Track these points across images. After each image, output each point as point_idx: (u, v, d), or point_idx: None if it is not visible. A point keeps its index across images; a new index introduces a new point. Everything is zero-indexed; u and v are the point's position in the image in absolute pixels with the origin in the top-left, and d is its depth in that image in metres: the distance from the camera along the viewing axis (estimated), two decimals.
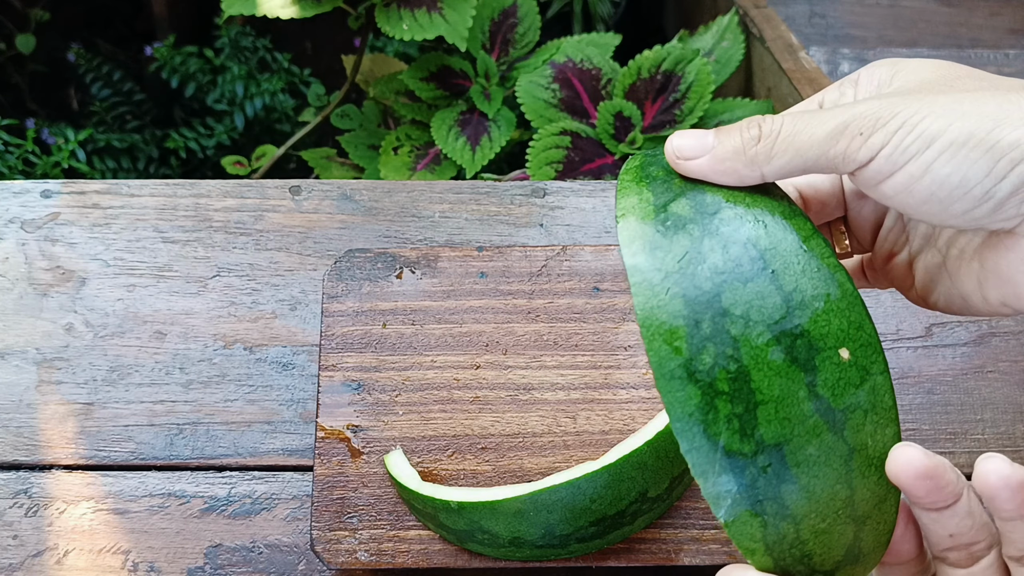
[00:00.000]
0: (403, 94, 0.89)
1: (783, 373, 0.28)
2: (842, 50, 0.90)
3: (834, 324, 0.29)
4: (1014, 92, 0.28)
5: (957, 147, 0.27)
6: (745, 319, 0.28)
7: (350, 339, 0.52)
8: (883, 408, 0.29)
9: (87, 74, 1.15)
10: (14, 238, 0.62)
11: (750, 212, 0.30)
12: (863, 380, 0.29)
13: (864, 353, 0.29)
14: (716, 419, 0.28)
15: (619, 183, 0.32)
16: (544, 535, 0.44)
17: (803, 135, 0.29)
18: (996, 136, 0.26)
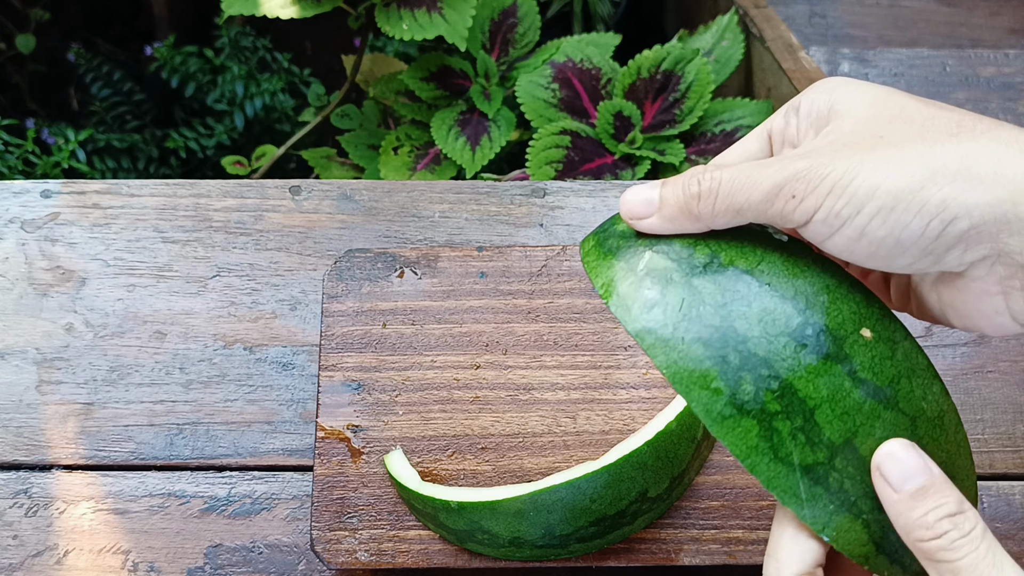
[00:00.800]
0: (403, 94, 0.89)
1: (823, 372, 0.29)
2: (842, 50, 0.90)
3: (845, 310, 0.30)
4: (944, 140, 0.28)
5: (887, 211, 0.27)
6: (766, 337, 0.29)
7: (350, 339, 0.52)
8: (921, 368, 0.30)
9: (87, 74, 1.15)
10: (14, 238, 0.62)
11: (720, 243, 0.31)
12: (894, 350, 0.29)
13: (883, 325, 0.30)
14: (781, 440, 0.28)
15: (586, 267, 0.32)
16: (544, 535, 0.44)
17: (740, 195, 0.29)
18: (923, 197, 0.27)
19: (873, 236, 0.28)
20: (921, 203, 0.27)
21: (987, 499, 0.54)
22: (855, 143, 0.29)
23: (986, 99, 0.85)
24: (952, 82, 0.87)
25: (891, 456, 0.28)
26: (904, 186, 0.27)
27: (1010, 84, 0.86)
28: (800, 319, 0.29)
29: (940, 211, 0.27)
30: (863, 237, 0.28)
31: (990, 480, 0.54)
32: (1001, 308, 0.29)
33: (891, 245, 0.28)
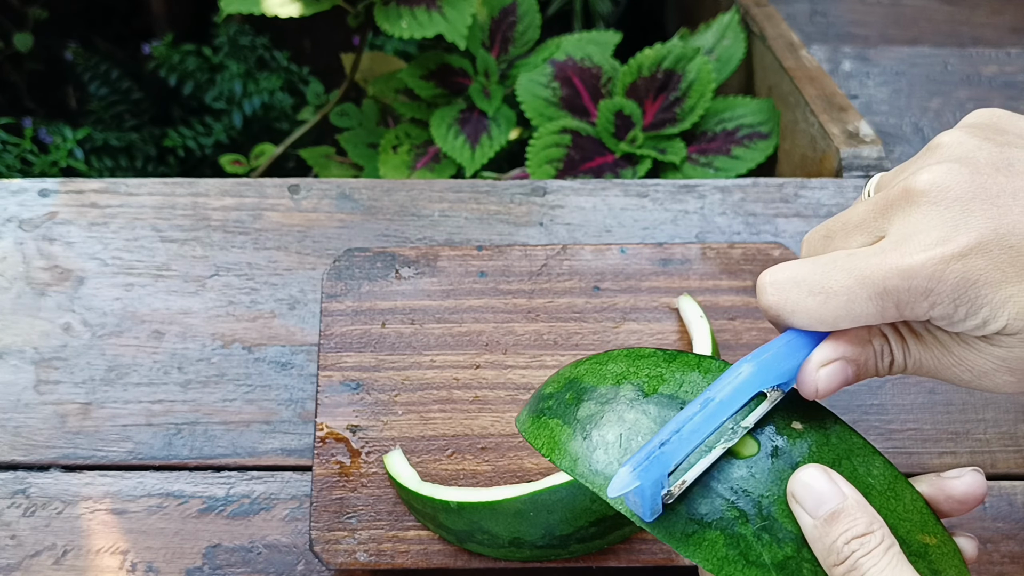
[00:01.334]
0: (402, 92, 0.89)
1: (769, 468, 0.29)
2: (843, 48, 0.89)
3: (772, 411, 0.30)
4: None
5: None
6: (707, 447, 0.29)
7: (349, 339, 0.52)
8: (858, 447, 0.30)
9: (85, 72, 1.15)
10: (12, 237, 0.62)
11: (634, 369, 0.32)
12: (827, 436, 0.30)
13: (811, 415, 0.31)
14: (748, 544, 0.28)
15: (529, 439, 0.33)
16: (544, 535, 0.44)
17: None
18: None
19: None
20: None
21: (988, 499, 0.54)
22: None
23: (988, 98, 0.85)
24: (954, 80, 0.86)
25: (804, 483, 0.28)
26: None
27: (1012, 83, 0.86)
28: (729, 424, 0.29)
29: None
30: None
31: (992, 480, 0.54)
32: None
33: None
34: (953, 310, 0.27)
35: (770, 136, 0.78)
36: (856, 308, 0.28)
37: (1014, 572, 0.52)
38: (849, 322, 0.28)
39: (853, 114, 0.70)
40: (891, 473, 0.30)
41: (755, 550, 0.28)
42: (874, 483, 0.29)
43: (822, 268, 0.29)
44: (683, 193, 0.63)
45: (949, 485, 0.30)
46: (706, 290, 0.54)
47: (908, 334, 0.30)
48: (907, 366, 0.30)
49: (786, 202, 0.63)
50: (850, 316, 0.28)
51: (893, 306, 0.28)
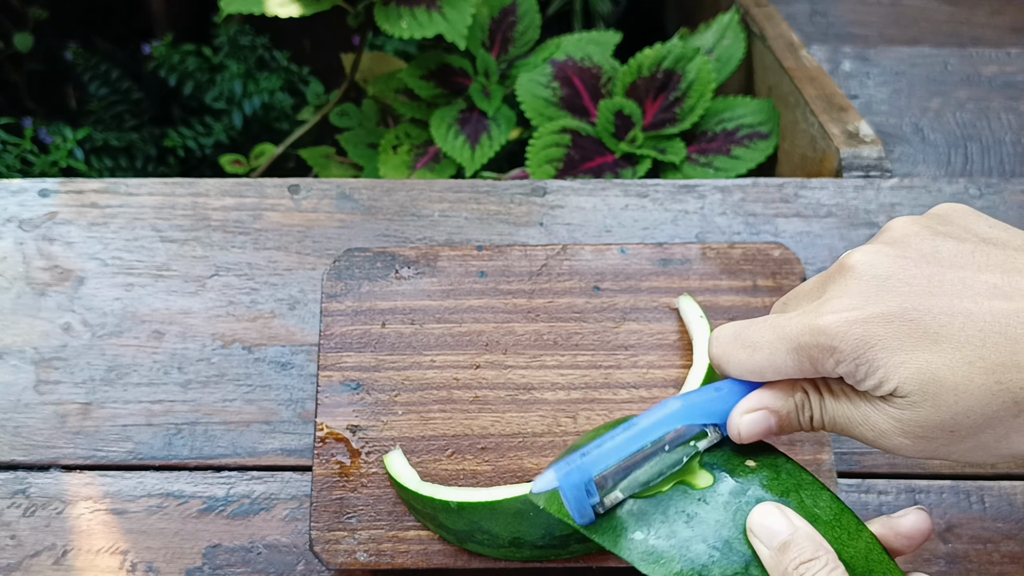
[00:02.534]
0: (402, 92, 0.89)
1: (724, 496, 0.33)
2: (843, 48, 0.89)
3: (727, 449, 0.34)
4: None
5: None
6: (659, 475, 0.34)
7: (349, 339, 0.52)
8: (807, 483, 0.34)
9: (85, 72, 1.15)
10: (12, 237, 0.62)
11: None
12: (778, 472, 0.33)
13: (764, 455, 0.34)
14: (705, 567, 0.31)
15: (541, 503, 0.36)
16: (544, 535, 0.44)
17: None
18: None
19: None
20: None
21: (988, 499, 0.54)
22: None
23: (988, 98, 0.85)
24: (954, 81, 0.86)
25: (760, 518, 0.32)
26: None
27: (1012, 83, 0.86)
28: (682, 463, 0.33)
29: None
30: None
31: (991, 480, 0.54)
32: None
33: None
34: (855, 368, 0.30)
35: (770, 136, 0.78)
36: (777, 360, 0.32)
37: (1014, 572, 0.52)
38: (772, 373, 0.33)
39: (853, 114, 0.70)
40: (837, 506, 0.33)
41: (710, 571, 0.31)
42: (820, 514, 0.32)
43: (756, 326, 0.33)
44: (683, 193, 0.63)
45: (897, 523, 0.33)
46: (706, 290, 0.54)
47: (825, 391, 0.33)
48: (824, 422, 0.33)
49: (786, 202, 0.63)
50: (772, 367, 0.32)
51: (807, 360, 0.31)
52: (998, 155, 0.82)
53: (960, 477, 0.54)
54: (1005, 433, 0.30)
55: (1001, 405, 0.29)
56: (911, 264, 0.31)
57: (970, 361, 0.29)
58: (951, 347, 0.29)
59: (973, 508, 0.53)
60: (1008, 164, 0.82)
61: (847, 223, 0.62)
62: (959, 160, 0.82)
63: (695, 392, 0.34)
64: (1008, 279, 0.29)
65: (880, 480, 0.54)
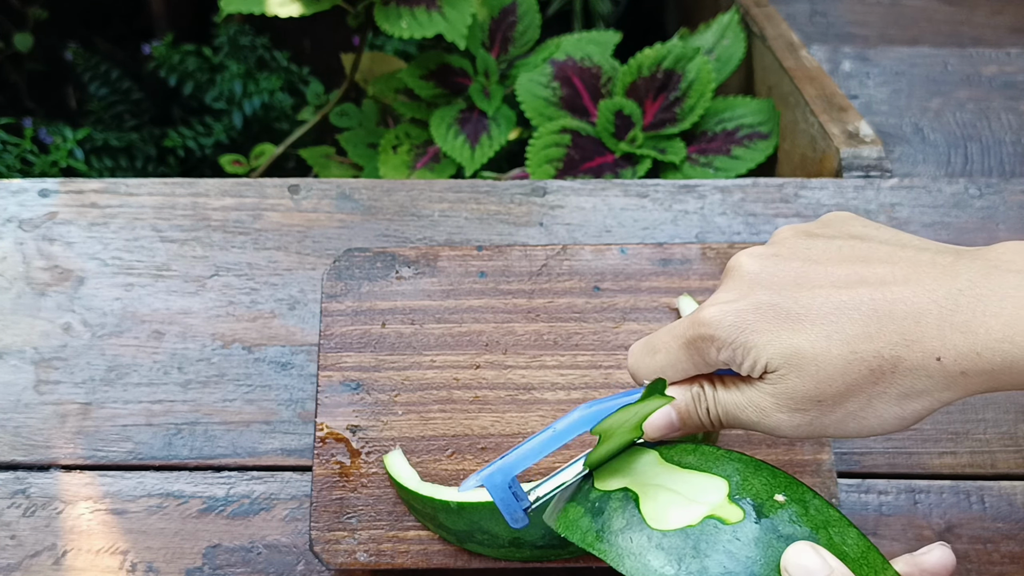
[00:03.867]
0: (402, 92, 0.89)
1: (754, 531, 0.33)
2: (843, 48, 0.89)
3: (756, 484, 0.34)
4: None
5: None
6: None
7: (349, 339, 0.52)
8: (835, 519, 0.34)
9: (85, 73, 1.15)
10: (12, 237, 0.62)
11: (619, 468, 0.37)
12: (806, 508, 0.34)
13: (792, 490, 0.34)
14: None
15: (554, 525, 0.37)
16: (544, 535, 0.44)
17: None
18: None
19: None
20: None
21: (988, 499, 0.54)
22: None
23: (988, 98, 0.85)
24: (954, 81, 0.86)
25: (795, 559, 0.32)
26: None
27: (1012, 83, 0.86)
28: (722, 503, 0.34)
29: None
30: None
31: (992, 480, 0.54)
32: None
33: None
34: (733, 353, 0.34)
35: (770, 136, 0.78)
36: (672, 358, 0.36)
37: (1014, 572, 0.52)
38: (672, 372, 0.36)
39: (853, 114, 0.70)
40: (864, 543, 0.34)
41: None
42: (848, 551, 0.33)
43: (658, 333, 0.37)
44: (683, 193, 0.63)
45: (922, 560, 0.34)
46: (706, 290, 0.54)
47: (718, 383, 0.36)
48: (719, 413, 0.36)
49: (786, 202, 0.63)
50: (671, 365, 0.36)
51: (697, 353, 0.35)
52: (998, 155, 0.82)
53: (960, 477, 0.54)
54: (868, 401, 0.33)
55: (858, 373, 0.32)
56: (782, 261, 0.34)
57: (828, 335, 0.32)
58: (810, 325, 0.32)
59: (973, 508, 0.53)
60: (1008, 164, 0.82)
61: None
62: (959, 160, 0.82)
63: (606, 399, 0.37)
64: (866, 268, 0.33)
65: (880, 480, 0.54)
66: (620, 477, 0.36)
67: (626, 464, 0.37)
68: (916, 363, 0.31)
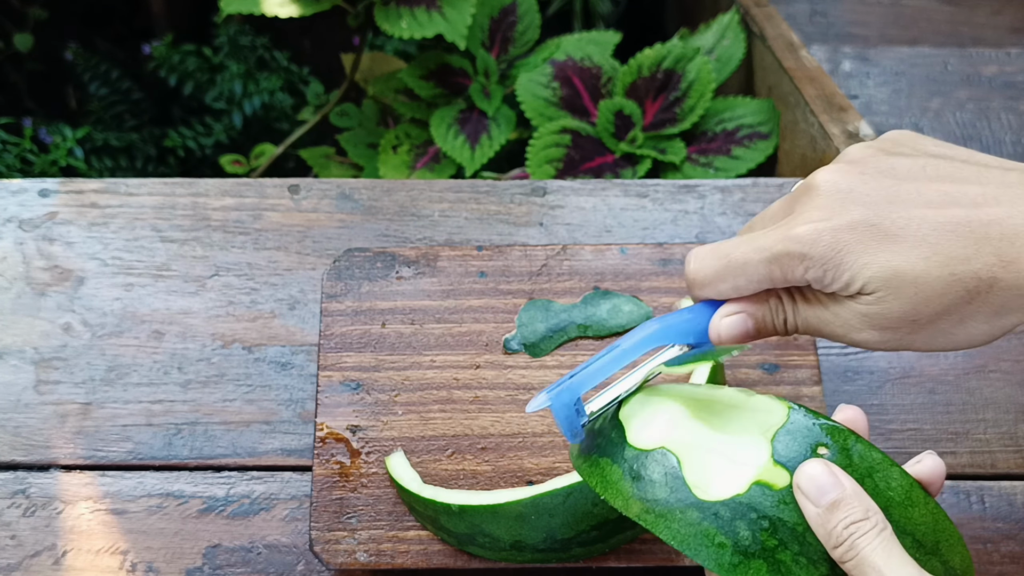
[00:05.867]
0: (402, 92, 0.89)
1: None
2: (843, 48, 0.89)
3: (798, 437, 0.34)
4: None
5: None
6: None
7: (349, 339, 0.52)
8: (877, 463, 0.33)
9: (85, 73, 1.15)
10: (12, 237, 0.62)
11: (666, 406, 0.36)
12: (850, 458, 0.33)
13: (834, 437, 0.34)
14: (788, 569, 0.32)
15: (580, 472, 0.37)
16: (546, 539, 0.44)
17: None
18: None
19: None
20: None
21: (988, 499, 0.54)
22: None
23: (988, 98, 0.85)
24: (954, 81, 0.86)
25: (808, 475, 0.32)
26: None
27: (1012, 83, 0.86)
28: (766, 458, 0.33)
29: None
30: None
31: (992, 480, 0.54)
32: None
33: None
34: (823, 273, 0.33)
35: (770, 136, 0.77)
36: (750, 270, 0.35)
37: (1014, 572, 0.52)
38: (746, 282, 0.35)
39: (853, 114, 0.70)
40: (907, 482, 0.33)
41: (794, 573, 0.32)
42: (893, 496, 0.33)
43: (731, 243, 0.36)
44: (683, 193, 0.63)
45: (915, 470, 0.35)
46: None
47: (798, 296, 0.36)
48: (797, 324, 0.36)
49: None
50: (746, 277, 0.35)
51: (778, 268, 0.34)
52: (998, 155, 0.82)
53: (960, 477, 0.54)
54: (960, 319, 0.33)
55: (956, 294, 0.32)
56: (870, 179, 0.34)
57: (926, 257, 0.32)
58: (909, 246, 0.32)
59: (973, 508, 0.53)
60: None
61: None
62: None
63: (672, 315, 0.36)
64: (957, 187, 0.33)
65: None
66: (654, 430, 0.35)
67: (657, 412, 0.36)
68: (1011, 282, 0.32)
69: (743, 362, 0.52)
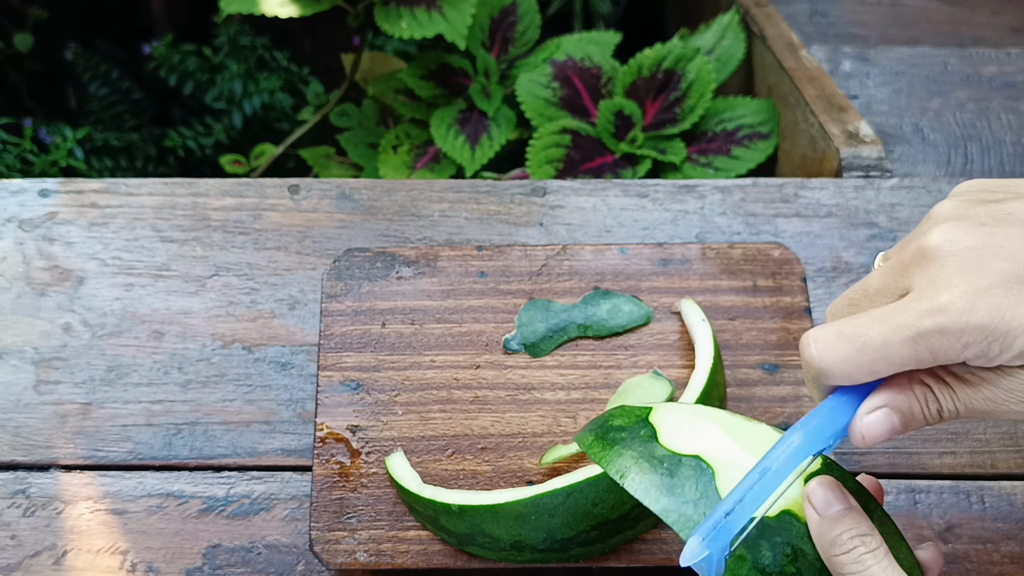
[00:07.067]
0: (402, 92, 0.89)
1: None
2: (843, 48, 0.89)
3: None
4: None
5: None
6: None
7: (349, 339, 0.52)
8: (891, 532, 0.34)
9: (85, 73, 1.15)
10: (12, 237, 0.62)
11: (709, 424, 0.35)
12: (870, 515, 0.33)
13: (859, 496, 0.34)
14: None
15: (594, 457, 0.36)
16: (546, 539, 0.44)
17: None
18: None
19: None
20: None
21: (988, 499, 0.54)
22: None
23: (988, 98, 0.85)
24: (954, 81, 0.86)
25: (818, 487, 0.33)
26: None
27: (1012, 83, 0.86)
28: (796, 492, 0.34)
29: None
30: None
31: (992, 480, 0.54)
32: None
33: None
34: (987, 347, 0.29)
35: (770, 136, 0.78)
36: (891, 352, 0.30)
37: (1014, 572, 0.52)
38: (886, 367, 0.30)
39: (853, 114, 0.70)
40: (911, 561, 0.35)
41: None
42: (900, 565, 0.33)
43: (858, 321, 0.31)
44: (683, 193, 0.63)
45: (916, 555, 0.35)
46: (706, 290, 0.54)
47: (952, 379, 0.32)
48: (958, 411, 0.32)
49: (786, 202, 0.63)
50: (886, 360, 0.30)
51: (927, 349, 0.30)
52: (998, 155, 0.82)
53: (960, 477, 0.54)
54: None
55: None
56: (995, 229, 0.30)
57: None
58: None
59: (973, 508, 0.53)
60: (1008, 164, 0.82)
61: (847, 223, 0.62)
62: (959, 160, 0.82)
63: (809, 418, 0.33)
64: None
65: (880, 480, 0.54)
66: (689, 439, 0.35)
67: (693, 424, 0.36)
68: None
69: (743, 362, 0.52)
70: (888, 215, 0.62)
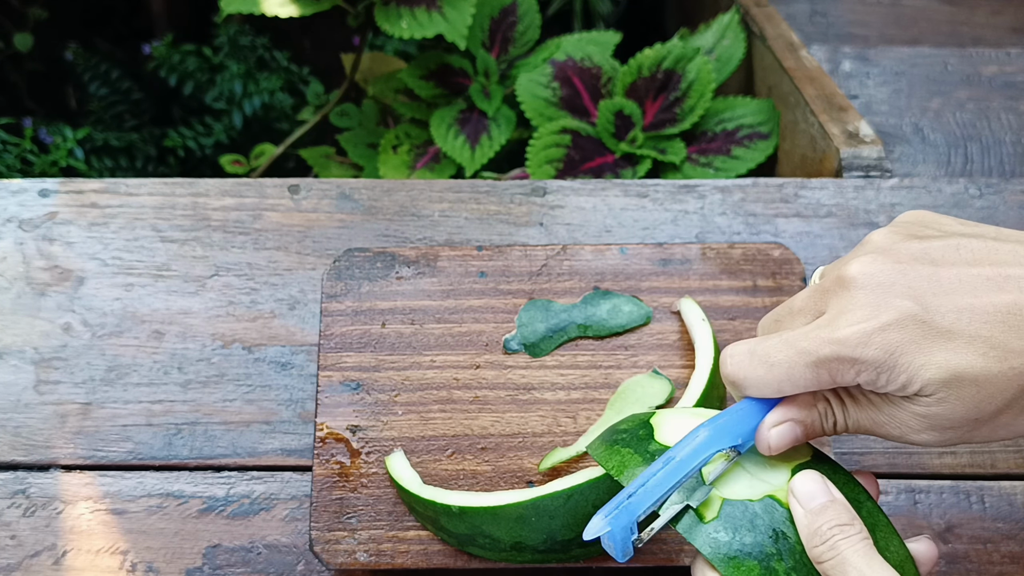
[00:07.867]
0: (402, 92, 0.89)
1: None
2: (843, 48, 0.89)
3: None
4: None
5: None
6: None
7: (349, 339, 0.52)
8: (882, 524, 0.35)
9: (85, 73, 1.15)
10: (12, 237, 0.62)
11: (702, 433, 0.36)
12: (859, 509, 0.35)
13: (849, 489, 0.35)
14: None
15: (598, 459, 0.38)
16: (546, 540, 0.44)
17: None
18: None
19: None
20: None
21: (988, 499, 0.54)
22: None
23: (988, 98, 0.85)
24: (954, 81, 0.86)
25: (803, 481, 0.34)
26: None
27: (1012, 83, 0.86)
28: (781, 480, 0.35)
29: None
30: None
31: (991, 480, 0.54)
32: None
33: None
34: (876, 376, 0.32)
35: (770, 136, 0.78)
36: (795, 375, 0.33)
37: (1014, 572, 0.52)
38: (791, 387, 0.34)
39: (853, 114, 0.70)
40: (904, 553, 0.35)
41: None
42: (890, 558, 0.34)
43: (769, 343, 0.34)
44: (683, 193, 0.63)
45: (910, 546, 0.36)
46: (706, 290, 0.54)
47: (847, 397, 0.35)
48: (848, 426, 0.35)
49: (786, 202, 0.63)
50: (791, 382, 0.33)
51: (826, 373, 0.33)
52: (998, 155, 0.82)
53: (960, 477, 0.54)
54: (1021, 411, 0.32)
55: (1016, 388, 0.31)
56: (908, 268, 0.32)
57: (983, 353, 0.31)
58: (964, 343, 0.31)
59: (973, 508, 0.53)
60: (1008, 164, 0.82)
61: (847, 223, 0.62)
62: (959, 160, 0.82)
63: (717, 417, 0.36)
64: (996, 270, 0.32)
65: (880, 480, 0.54)
66: (681, 436, 0.36)
67: (690, 422, 0.37)
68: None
69: None
70: (888, 215, 0.62)
